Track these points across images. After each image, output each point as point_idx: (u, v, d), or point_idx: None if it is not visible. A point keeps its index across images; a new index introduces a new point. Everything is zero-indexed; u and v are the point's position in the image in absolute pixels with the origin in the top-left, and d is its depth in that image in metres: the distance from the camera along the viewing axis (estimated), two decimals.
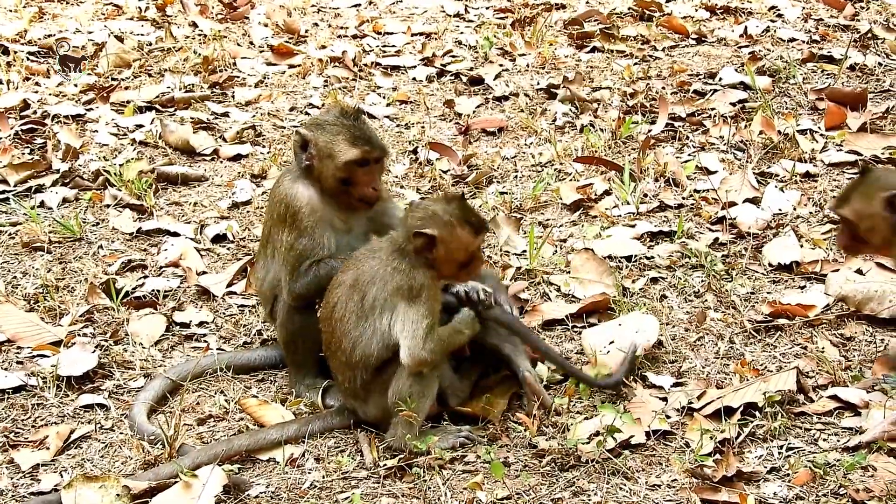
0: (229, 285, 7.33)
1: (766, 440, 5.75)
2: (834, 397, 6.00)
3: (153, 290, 7.27)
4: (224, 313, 7.12)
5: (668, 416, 5.91)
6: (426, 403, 5.82)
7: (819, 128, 8.95)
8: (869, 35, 10.69)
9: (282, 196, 6.29)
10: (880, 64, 10.15)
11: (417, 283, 5.72)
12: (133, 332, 6.88)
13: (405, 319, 5.72)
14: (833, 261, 7.27)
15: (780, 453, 5.65)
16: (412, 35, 11.20)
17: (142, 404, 6.17)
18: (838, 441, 5.72)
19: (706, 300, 6.93)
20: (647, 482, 5.53)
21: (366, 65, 10.51)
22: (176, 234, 7.87)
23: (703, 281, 7.09)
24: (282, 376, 6.56)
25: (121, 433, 6.07)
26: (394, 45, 11.02)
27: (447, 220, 5.77)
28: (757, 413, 5.86)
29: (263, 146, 9.08)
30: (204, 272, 7.48)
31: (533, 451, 5.75)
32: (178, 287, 7.34)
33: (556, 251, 7.51)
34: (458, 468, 5.69)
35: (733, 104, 9.43)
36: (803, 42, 10.73)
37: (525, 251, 7.51)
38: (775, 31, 10.97)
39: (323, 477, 5.68)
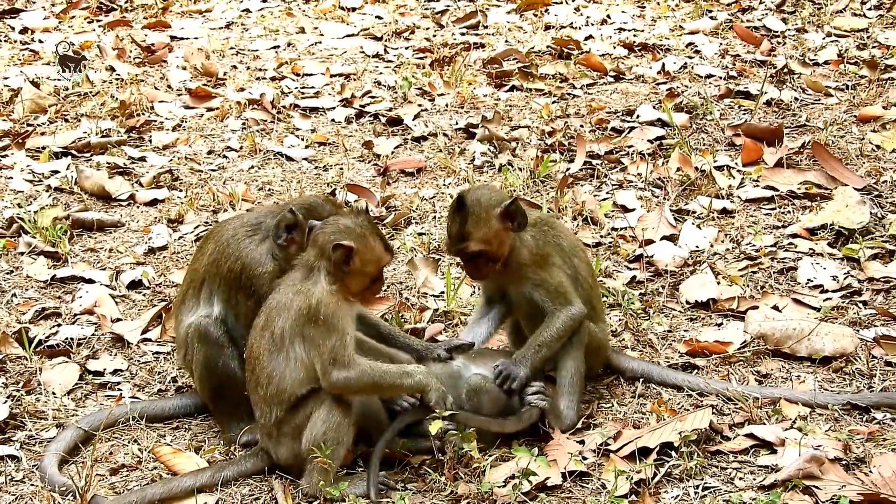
0: (144, 332, 7.25)
1: (683, 480, 5.73)
2: (750, 435, 6.00)
3: (67, 339, 7.17)
4: (139, 360, 7.04)
5: (584, 458, 5.89)
6: (341, 451, 5.76)
7: (736, 164, 9.00)
8: (785, 70, 10.78)
9: (232, 252, 6.30)
10: (796, 99, 10.23)
11: (315, 302, 5.68)
12: (46, 381, 6.77)
13: (312, 343, 5.69)
14: (750, 297, 7.30)
15: (696, 493, 5.64)
16: (331, 76, 11.16)
17: (53, 455, 6.04)
18: (754, 479, 5.72)
19: (623, 339, 6.93)
20: None
21: (284, 107, 10.46)
22: (91, 281, 7.77)
23: (620, 320, 7.08)
24: (196, 424, 6.48)
25: (31, 485, 5.94)
26: (313, 87, 10.97)
27: (361, 233, 5.80)
28: (673, 453, 5.85)
29: (180, 190, 9.00)
30: (119, 319, 7.38)
31: (448, 495, 5.70)
32: (93, 335, 7.24)
33: (473, 292, 7.48)
34: None
35: (651, 141, 9.47)
36: (720, 78, 10.80)
37: (443, 292, 7.49)
38: (693, 67, 11.05)
39: None
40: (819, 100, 10.27)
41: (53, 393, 6.70)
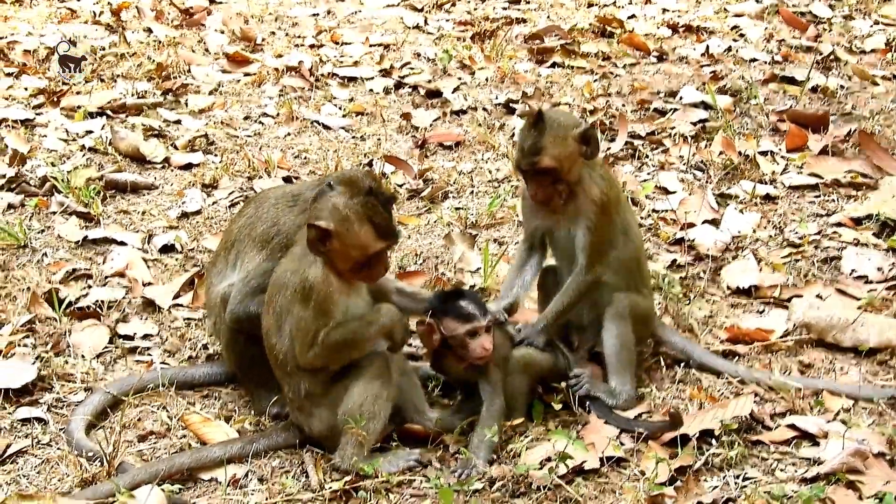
0: (175, 297, 7.13)
1: (722, 469, 5.60)
2: (792, 426, 5.86)
3: (97, 301, 7.05)
4: (169, 326, 6.92)
5: (622, 443, 5.75)
6: (378, 425, 5.63)
7: (780, 149, 8.85)
8: (832, 57, 10.61)
9: (270, 216, 6.16)
10: (842, 87, 10.07)
11: (309, 283, 5.53)
12: (75, 343, 6.67)
13: (296, 324, 5.57)
14: (793, 285, 7.15)
15: (736, 483, 5.50)
16: (370, 46, 11.04)
17: (80, 419, 5.94)
18: (796, 471, 5.58)
19: (663, 323, 6.78)
20: None
21: (322, 75, 10.34)
22: (123, 244, 7.66)
23: (659, 303, 6.93)
24: (226, 393, 6.36)
25: (58, 448, 5.84)
26: (351, 56, 10.85)
27: (345, 215, 5.53)
28: (713, 441, 5.71)
29: (215, 155, 8.87)
30: (150, 283, 7.27)
31: (482, 477, 5.56)
32: (123, 298, 7.12)
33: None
34: (407, 493, 5.51)
35: (694, 123, 9.31)
36: (765, 63, 10.64)
37: (480, 269, 7.36)
38: (737, 50, 10.90)
39: (266, 499, 5.49)
40: (865, 88, 10.10)
41: (82, 356, 6.59)
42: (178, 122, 9.40)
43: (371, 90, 10.14)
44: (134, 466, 5.62)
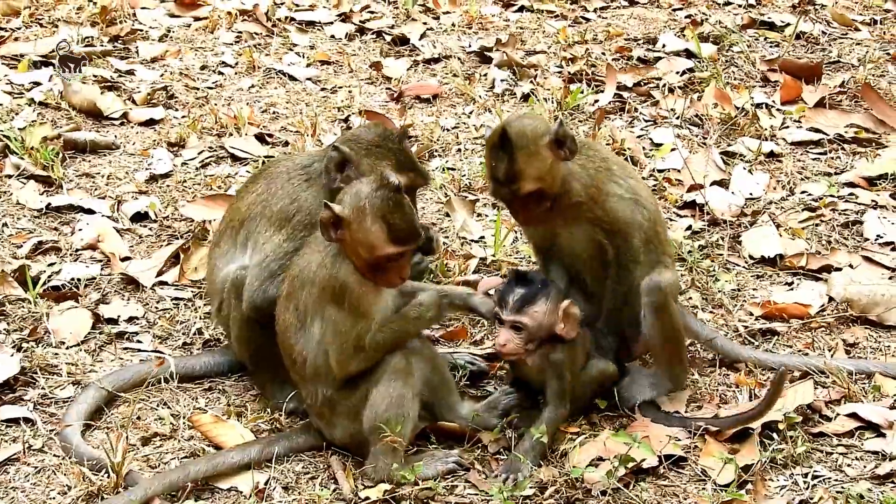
0: (159, 274, 6.53)
1: (787, 466, 5.17)
2: (853, 415, 5.44)
3: (72, 279, 6.43)
4: (156, 307, 6.33)
5: (677, 439, 5.30)
6: (408, 426, 5.11)
7: (774, 101, 8.43)
8: (808, 0, 10.18)
9: (287, 192, 5.59)
10: (824, 32, 9.65)
11: (340, 281, 4.99)
12: (54, 329, 6.05)
13: (333, 329, 5.03)
14: (818, 254, 6.75)
15: (805, 482, 5.08)
16: None
17: (76, 421, 5.35)
18: (864, 467, 5.18)
19: (691, 298, 6.33)
20: None
21: (279, 19, 9.69)
22: (91, 212, 7.02)
23: (684, 277, 6.46)
24: (231, 385, 5.80)
25: (54, 455, 5.24)
26: None
27: (361, 206, 4.97)
28: (775, 435, 5.28)
29: (177, 110, 8.23)
30: (128, 258, 6.65)
31: (531, 481, 5.08)
32: (100, 275, 6.50)
33: (517, 238, 6.85)
34: (452, 500, 5.02)
35: (680, 73, 8.84)
36: (739, 6, 10.19)
37: (482, 237, 6.86)
38: None
39: None
40: (847, 34, 9.69)
41: (62, 342, 5.98)
42: (131, 72, 8.72)
43: (332, 36, 9.53)
44: (144, 476, 5.06)
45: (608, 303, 5.55)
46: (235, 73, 8.85)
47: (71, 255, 6.69)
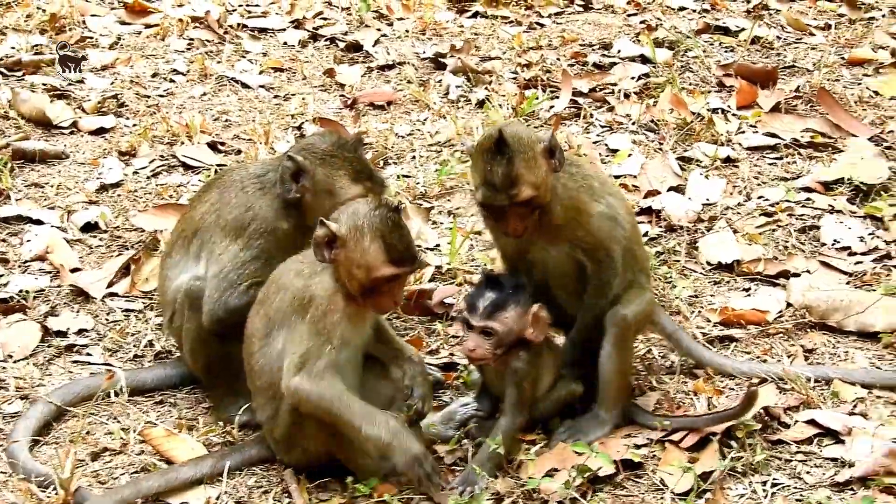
0: (110, 285, 6.42)
1: (746, 474, 5.11)
2: (812, 422, 5.38)
3: (21, 291, 6.32)
4: (106, 319, 6.22)
5: (636, 447, 5.23)
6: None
7: (730, 107, 8.39)
8: (761, 5, 10.17)
9: (241, 201, 5.48)
10: (778, 37, 9.63)
11: (311, 293, 4.87)
12: (2, 342, 5.96)
13: (291, 338, 4.88)
14: (775, 259, 6.71)
15: (763, 490, 5.02)
16: None
17: (23, 437, 5.23)
18: (823, 474, 5.13)
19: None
20: None
21: (231, 26, 9.59)
22: (39, 222, 6.92)
23: None
24: (182, 398, 5.71)
25: (1, 472, 5.13)
26: (258, 5, 10.10)
27: (359, 225, 4.84)
28: (733, 443, 5.22)
29: (128, 118, 8.13)
30: (77, 269, 6.54)
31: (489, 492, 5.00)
32: (50, 286, 6.39)
33: (472, 245, 6.79)
34: None
35: (635, 79, 8.79)
36: (694, 11, 10.17)
37: (438, 245, 6.79)
38: None
39: None
40: (801, 39, 9.68)
41: (10, 356, 5.88)
42: (82, 81, 8.59)
43: (285, 43, 9.45)
44: (93, 493, 4.95)
45: (585, 317, 5.45)
46: (187, 81, 8.75)
47: (19, 266, 6.59)
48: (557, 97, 8.49)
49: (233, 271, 5.36)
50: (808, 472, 5.14)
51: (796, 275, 6.51)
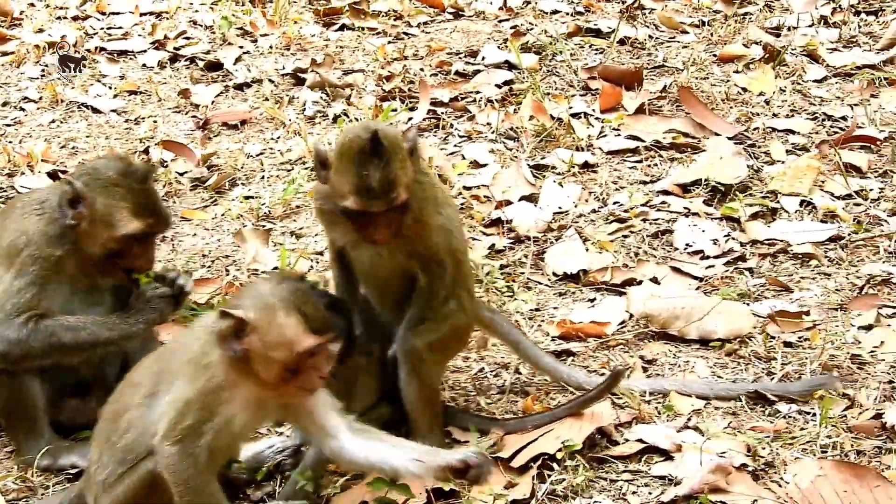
0: None
1: (567, 499, 4.88)
2: (640, 439, 5.16)
3: None
4: None
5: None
6: None
7: (594, 110, 8.19)
8: (636, 5, 9.97)
9: (17, 226, 5.21)
10: (651, 37, 9.45)
11: (207, 361, 4.37)
12: None
13: (174, 399, 4.38)
14: (624, 266, 6.51)
15: None
16: (141, 15, 10.03)
17: None
18: (650, 494, 4.91)
19: (494, 310, 6.02)
20: None
21: (89, 50, 9.32)
22: None
23: (481, 298, 6.17)
24: None
25: None
26: (120, 27, 9.83)
27: (270, 304, 4.35)
28: (555, 465, 4.98)
29: None
30: None
31: None
32: None
33: (312, 266, 6.55)
34: None
35: (499, 86, 8.58)
36: (567, 14, 9.96)
37: (276, 269, 6.54)
38: (537, 2, 10.16)
39: None
40: (674, 37, 9.49)
41: None
42: None
43: (144, 65, 9.19)
44: None
45: (406, 329, 5.22)
46: (38, 109, 8.48)
47: None
48: (417, 108, 8.25)
49: (7, 301, 5.10)
50: (633, 493, 4.93)
51: (640, 283, 6.30)
